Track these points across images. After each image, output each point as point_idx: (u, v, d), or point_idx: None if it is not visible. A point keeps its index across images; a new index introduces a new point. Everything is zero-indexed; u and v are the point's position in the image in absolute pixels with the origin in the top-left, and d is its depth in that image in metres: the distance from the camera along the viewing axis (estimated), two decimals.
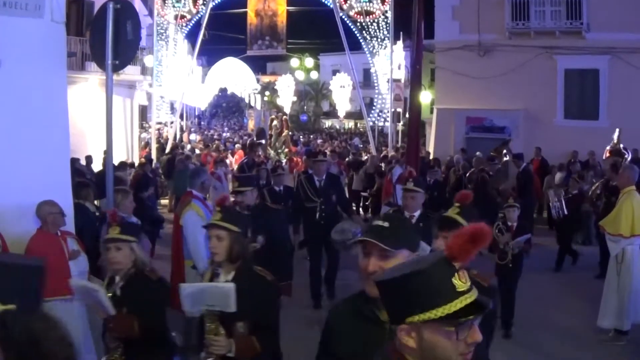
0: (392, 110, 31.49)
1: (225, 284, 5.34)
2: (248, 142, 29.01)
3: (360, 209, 23.92)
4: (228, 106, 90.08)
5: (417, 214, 9.65)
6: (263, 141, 30.22)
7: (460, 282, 2.61)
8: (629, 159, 17.96)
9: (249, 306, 5.26)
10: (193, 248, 9.36)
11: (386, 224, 3.65)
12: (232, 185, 21.24)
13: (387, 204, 16.54)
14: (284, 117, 34.01)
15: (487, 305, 2.63)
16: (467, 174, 20.54)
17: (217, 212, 5.68)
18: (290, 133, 34.48)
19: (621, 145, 18.34)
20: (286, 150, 30.33)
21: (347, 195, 15.89)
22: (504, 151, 20.81)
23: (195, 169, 15.56)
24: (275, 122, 31.34)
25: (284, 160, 27.23)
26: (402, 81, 35.42)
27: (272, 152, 29.22)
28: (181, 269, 9.89)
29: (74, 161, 18.45)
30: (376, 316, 3.54)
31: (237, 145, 35.83)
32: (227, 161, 27.66)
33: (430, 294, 2.59)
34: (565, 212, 16.32)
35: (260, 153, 25.64)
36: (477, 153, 22.65)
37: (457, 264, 2.63)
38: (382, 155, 27.11)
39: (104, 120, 8.43)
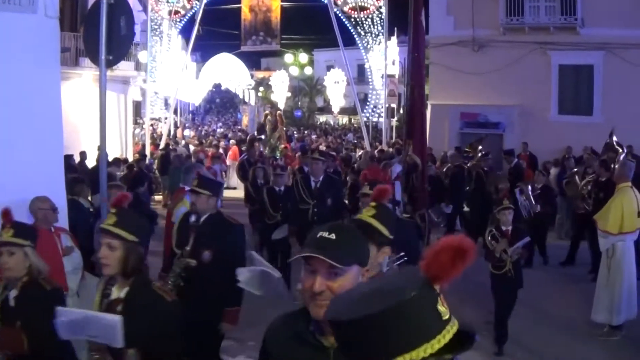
0: (386, 105, 31.52)
1: (111, 316, 4.63)
2: (248, 137, 28.85)
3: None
4: (222, 102, 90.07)
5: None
6: (263, 137, 30.17)
7: (444, 308, 2.21)
8: (623, 154, 17.80)
9: (142, 331, 4.64)
10: None
11: (333, 236, 3.10)
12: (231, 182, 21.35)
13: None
14: (278, 112, 33.92)
15: (473, 333, 2.26)
16: (445, 169, 20.57)
17: (112, 215, 4.90)
18: (284, 129, 34.32)
19: (614, 140, 18.12)
20: (281, 146, 30.26)
21: (345, 197, 14.93)
22: (479, 147, 20.86)
23: (189, 165, 15.54)
24: (269, 118, 31.24)
25: (278, 156, 27.18)
26: (397, 77, 35.46)
27: (267, 149, 29.14)
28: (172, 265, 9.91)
29: (68, 157, 18.44)
30: (319, 342, 3.13)
31: (231, 141, 35.79)
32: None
33: (416, 329, 2.15)
34: (538, 208, 15.75)
35: (261, 149, 25.54)
36: (451, 152, 22.71)
37: (439, 286, 2.22)
38: (377, 150, 27.06)
39: (97, 116, 8.40)
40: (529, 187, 16.22)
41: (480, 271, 10.14)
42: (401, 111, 45.41)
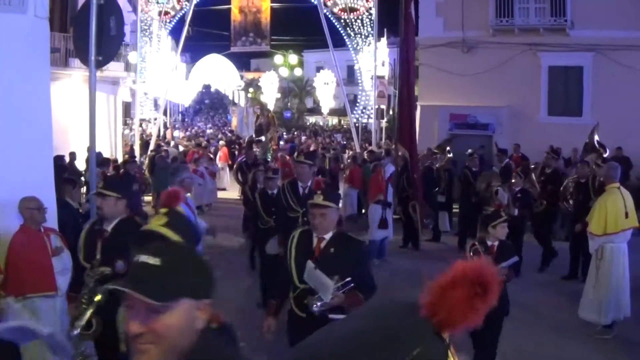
0: (376, 107, 31.48)
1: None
2: (247, 139, 28.69)
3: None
4: (212, 103, 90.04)
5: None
6: (263, 138, 30.06)
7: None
8: (606, 155, 17.71)
9: None
10: None
11: (157, 261, 2.50)
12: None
13: (377, 202, 16.34)
14: (271, 114, 33.82)
15: None
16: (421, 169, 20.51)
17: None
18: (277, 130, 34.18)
19: (596, 140, 17.99)
20: (273, 147, 30.21)
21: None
22: (447, 148, 20.94)
23: (176, 167, 15.50)
24: (261, 119, 31.13)
25: (269, 158, 27.10)
26: (386, 78, 35.43)
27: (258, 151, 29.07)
28: None
29: (59, 158, 18.39)
30: None
31: (220, 142, 35.74)
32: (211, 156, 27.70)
33: None
34: (515, 212, 14.60)
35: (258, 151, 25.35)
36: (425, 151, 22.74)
37: (448, 334, 1.78)
38: (366, 151, 27.05)
39: (87, 116, 8.38)
40: (506, 189, 15.64)
41: None
42: (391, 112, 45.47)
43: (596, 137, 17.75)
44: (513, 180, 15.71)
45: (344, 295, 6.31)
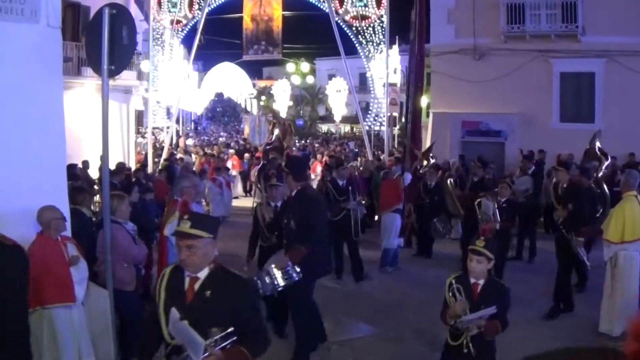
0: (388, 114, 31.47)
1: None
2: (263, 147, 28.36)
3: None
4: (224, 111, 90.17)
5: None
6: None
7: None
8: (607, 163, 17.40)
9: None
10: None
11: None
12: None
13: (396, 211, 16.29)
14: (288, 122, 33.61)
15: None
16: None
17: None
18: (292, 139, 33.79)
19: (597, 147, 17.66)
20: None
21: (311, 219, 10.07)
22: (430, 154, 20.85)
23: (179, 176, 15.50)
24: (276, 127, 30.90)
25: None
26: (398, 85, 35.43)
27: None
28: None
29: (72, 167, 18.44)
30: None
31: (230, 151, 35.70)
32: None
33: None
34: (497, 226, 13.53)
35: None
36: (453, 160, 22.67)
37: None
38: (377, 158, 27.03)
39: (100, 125, 8.43)
40: (493, 200, 14.12)
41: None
42: (402, 119, 45.48)
43: (597, 144, 17.48)
44: (496, 190, 14.57)
45: (222, 354, 5.07)
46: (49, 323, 7.90)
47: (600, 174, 16.16)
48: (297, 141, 51.59)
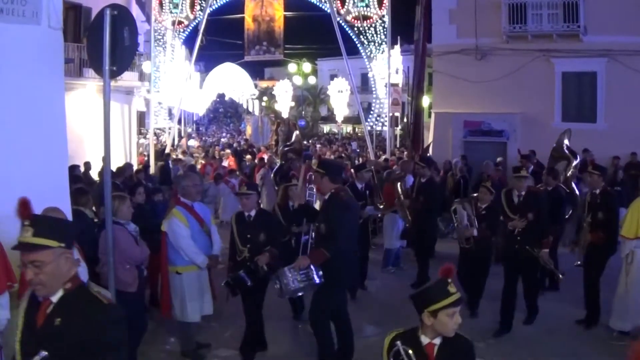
0: (390, 114, 31.48)
1: None
2: (280, 150, 27.87)
3: None
4: (226, 112, 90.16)
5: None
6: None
7: None
8: (575, 162, 17.02)
9: None
10: (184, 252, 9.65)
11: None
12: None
13: (396, 212, 16.14)
14: (292, 121, 33.50)
15: None
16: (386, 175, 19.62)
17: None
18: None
19: (565, 146, 17.24)
20: None
21: (342, 226, 9.42)
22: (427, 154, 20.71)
23: (183, 173, 15.45)
24: (281, 127, 30.70)
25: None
26: (400, 85, 35.41)
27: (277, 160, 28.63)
28: (165, 276, 10.03)
29: (74, 168, 18.43)
30: None
31: (227, 151, 35.56)
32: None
33: None
34: (474, 232, 12.40)
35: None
36: (456, 160, 22.60)
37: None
38: (381, 159, 27.00)
39: (101, 126, 8.42)
40: (468, 207, 12.87)
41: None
42: (405, 120, 45.42)
43: (566, 143, 17.16)
44: (475, 195, 13.33)
45: None
46: None
47: (569, 174, 16.04)
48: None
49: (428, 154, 21.24)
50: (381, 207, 15.66)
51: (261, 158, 28.52)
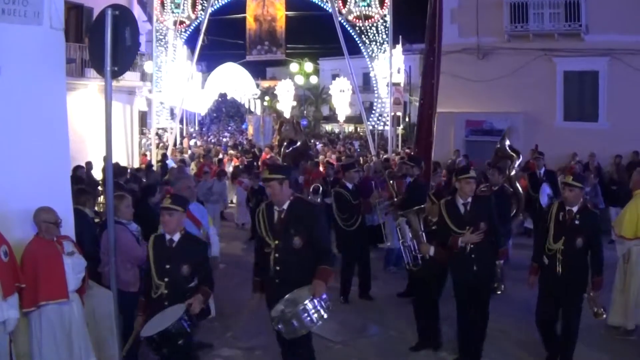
0: (392, 114, 31.49)
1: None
2: (283, 150, 27.33)
3: None
4: (228, 111, 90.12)
5: None
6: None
7: None
8: (518, 161, 16.70)
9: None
10: None
11: None
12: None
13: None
14: (296, 120, 33.35)
15: None
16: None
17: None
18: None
19: (508, 145, 16.83)
20: None
21: (327, 232, 8.58)
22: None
23: (175, 176, 15.36)
24: (285, 126, 30.49)
25: None
26: (402, 85, 35.41)
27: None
28: None
29: (77, 169, 18.44)
30: None
31: (231, 152, 35.49)
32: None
33: None
34: (431, 252, 10.19)
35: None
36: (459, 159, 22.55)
37: None
38: (383, 158, 26.97)
39: (103, 126, 8.44)
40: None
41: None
42: (407, 119, 45.43)
43: (507, 142, 16.89)
44: (423, 206, 10.95)
45: None
46: (47, 321, 7.91)
47: (512, 173, 15.89)
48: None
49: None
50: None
51: (264, 159, 28.31)
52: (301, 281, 7.70)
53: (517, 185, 15.74)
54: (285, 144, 27.29)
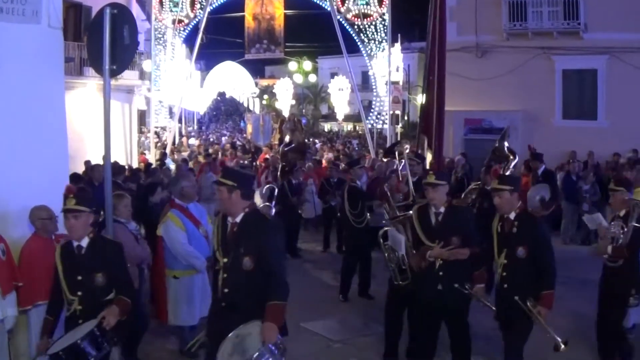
0: (391, 112, 31.46)
1: None
2: (281, 148, 27.04)
3: None
4: (227, 110, 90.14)
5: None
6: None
7: None
8: (515, 162, 16.46)
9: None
10: (182, 257, 9.52)
11: None
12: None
13: None
14: (297, 117, 33.23)
15: None
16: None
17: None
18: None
19: (506, 146, 16.48)
20: None
21: (280, 255, 7.13)
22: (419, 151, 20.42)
23: (176, 175, 15.26)
24: (286, 125, 30.31)
25: None
26: (400, 83, 35.39)
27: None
28: (162, 279, 9.97)
29: (77, 178, 18.37)
30: None
31: (230, 151, 35.38)
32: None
33: None
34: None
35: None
36: (458, 158, 22.54)
37: None
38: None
39: (102, 125, 8.43)
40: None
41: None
42: (405, 118, 45.40)
43: (506, 143, 16.55)
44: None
45: None
46: (38, 320, 7.90)
47: (507, 173, 15.60)
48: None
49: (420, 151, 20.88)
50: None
51: (265, 159, 28.08)
52: (251, 309, 6.48)
53: None
54: (286, 142, 27.15)
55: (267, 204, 16.23)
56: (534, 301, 7.65)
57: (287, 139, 27.10)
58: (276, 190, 15.55)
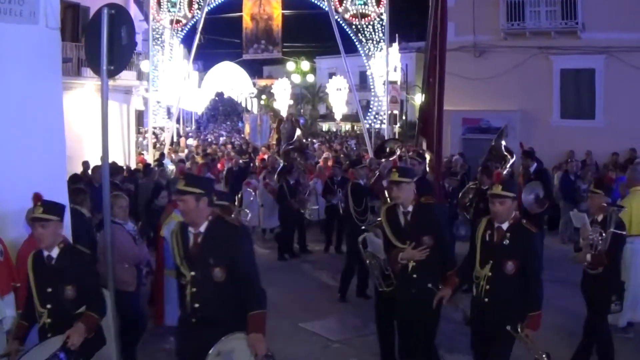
0: (389, 112, 31.46)
1: None
2: (283, 149, 26.96)
3: None
4: (225, 110, 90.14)
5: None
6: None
7: None
8: (511, 161, 16.29)
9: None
10: None
11: None
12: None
13: None
14: (295, 117, 33.19)
15: None
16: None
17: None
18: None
19: (503, 145, 16.27)
20: None
21: (253, 262, 6.56)
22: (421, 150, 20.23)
23: (176, 178, 15.22)
24: (285, 125, 30.28)
25: None
26: (398, 83, 35.38)
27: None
28: (160, 279, 9.97)
29: (76, 180, 18.34)
30: None
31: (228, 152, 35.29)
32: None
33: None
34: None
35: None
36: (455, 157, 22.54)
37: None
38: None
39: (100, 125, 8.42)
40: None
41: None
42: (404, 117, 45.37)
43: (503, 142, 16.38)
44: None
45: None
46: None
47: (504, 172, 15.49)
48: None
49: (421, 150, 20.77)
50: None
51: (262, 159, 27.94)
52: (224, 322, 6.14)
53: None
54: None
55: (245, 209, 16.25)
56: (522, 325, 7.07)
57: (296, 133, 26.94)
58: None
